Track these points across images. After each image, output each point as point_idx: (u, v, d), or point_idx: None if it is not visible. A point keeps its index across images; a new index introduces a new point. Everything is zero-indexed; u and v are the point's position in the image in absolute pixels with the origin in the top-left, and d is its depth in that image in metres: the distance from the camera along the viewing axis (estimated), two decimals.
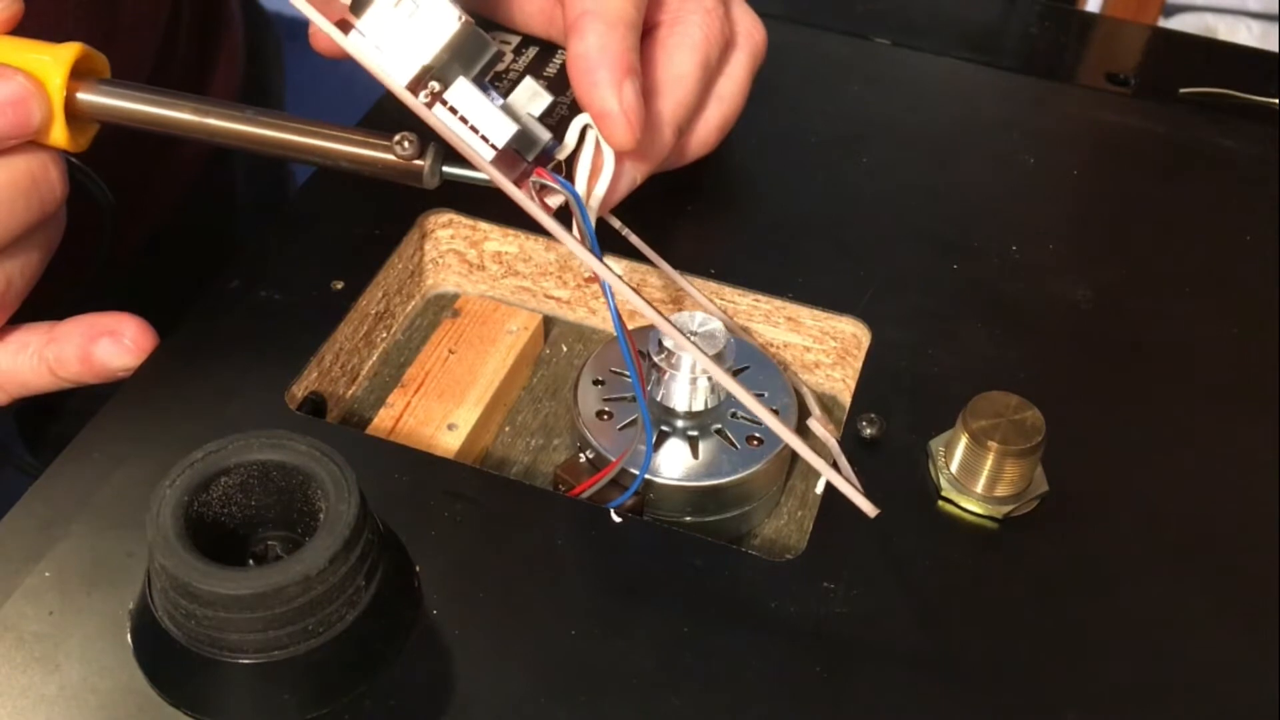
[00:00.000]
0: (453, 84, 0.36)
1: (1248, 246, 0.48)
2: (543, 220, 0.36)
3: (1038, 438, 0.36)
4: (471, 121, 0.36)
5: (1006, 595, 0.35)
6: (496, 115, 0.36)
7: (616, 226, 0.42)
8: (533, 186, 0.38)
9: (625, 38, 0.38)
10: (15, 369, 0.39)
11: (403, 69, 0.35)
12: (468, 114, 0.36)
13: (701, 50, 0.42)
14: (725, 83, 0.45)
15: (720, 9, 0.44)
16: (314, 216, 0.46)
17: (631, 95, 0.38)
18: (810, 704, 0.32)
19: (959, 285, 0.45)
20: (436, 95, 0.36)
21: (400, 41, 0.35)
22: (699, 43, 0.42)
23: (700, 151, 0.45)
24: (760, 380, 0.41)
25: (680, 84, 0.42)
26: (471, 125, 0.36)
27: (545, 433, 0.43)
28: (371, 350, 0.44)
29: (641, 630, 0.33)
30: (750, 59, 0.46)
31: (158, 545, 0.29)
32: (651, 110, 0.41)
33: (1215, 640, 0.35)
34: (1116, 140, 0.53)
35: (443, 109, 0.36)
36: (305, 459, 0.31)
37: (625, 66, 0.38)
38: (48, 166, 0.37)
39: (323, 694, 0.31)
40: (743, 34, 0.46)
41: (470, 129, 0.36)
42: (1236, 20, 1.15)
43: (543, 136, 0.38)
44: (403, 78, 0.35)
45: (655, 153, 0.42)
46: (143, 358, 0.39)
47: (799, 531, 0.41)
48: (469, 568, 0.35)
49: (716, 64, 0.44)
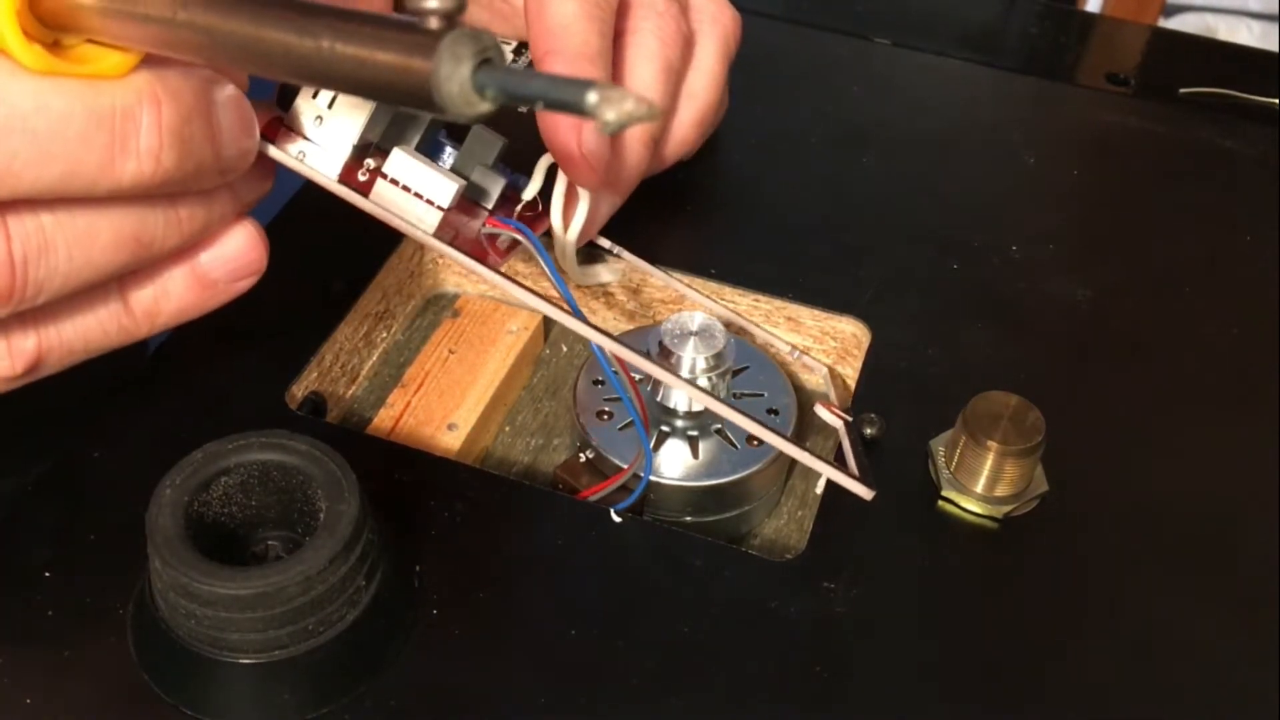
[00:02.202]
0: (389, 156, 0.36)
1: (1248, 246, 0.48)
2: (498, 281, 0.36)
3: (1038, 438, 0.36)
4: (414, 188, 0.36)
5: (1006, 595, 0.35)
6: (437, 177, 0.36)
7: (606, 246, 0.42)
8: (483, 235, 0.38)
9: (588, 72, 0.37)
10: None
11: (333, 157, 0.35)
12: (409, 182, 0.36)
13: (660, 57, 0.41)
14: (695, 77, 0.44)
15: (673, 7, 0.42)
16: (314, 216, 0.46)
17: (592, 138, 0.37)
18: (810, 704, 0.32)
19: (959, 285, 0.45)
20: (375, 171, 0.36)
21: (327, 130, 0.35)
22: (656, 50, 0.41)
23: (681, 152, 0.45)
24: (760, 380, 0.41)
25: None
26: (415, 192, 0.36)
27: (545, 433, 0.43)
28: (371, 350, 0.44)
29: (641, 630, 0.33)
30: (720, 44, 0.45)
31: (158, 545, 0.29)
32: (618, 136, 0.40)
33: (1215, 640, 0.35)
34: (1116, 140, 0.53)
35: (384, 182, 0.36)
36: (305, 459, 0.31)
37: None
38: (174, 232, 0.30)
39: (323, 694, 0.31)
40: (707, 20, 0.44)
41: (414, 195, 0.36)
42: (1236, 20, 1.15)
43: (497, 184, 0.38)
44: (334, 167, 0.35)
45: (628, 177, 0.41)
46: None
47: (799, 531, 0.41)
48: (469, 568, 0.35)
49: (681, 64, 0.43)
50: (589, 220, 0.40)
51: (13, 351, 0.29)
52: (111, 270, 0.29)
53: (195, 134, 0.28)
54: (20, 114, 0.25)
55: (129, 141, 0.27)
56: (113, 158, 0.26)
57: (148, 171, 0.27)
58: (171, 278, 0.31)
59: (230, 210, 0.31)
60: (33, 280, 0.27)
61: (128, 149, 0.27)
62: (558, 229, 0.40)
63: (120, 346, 0.31)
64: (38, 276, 0.27)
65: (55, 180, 0.26)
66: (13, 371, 0.29)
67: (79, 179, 0.26)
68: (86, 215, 0.28)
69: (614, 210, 0.42)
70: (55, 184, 0.26)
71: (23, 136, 0.25)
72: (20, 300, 0.27)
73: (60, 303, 0.29)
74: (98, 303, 0.30)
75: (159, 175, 0.27)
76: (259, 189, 0.32)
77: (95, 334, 0.31)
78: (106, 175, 0.27)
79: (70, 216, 0.27)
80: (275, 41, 0.24)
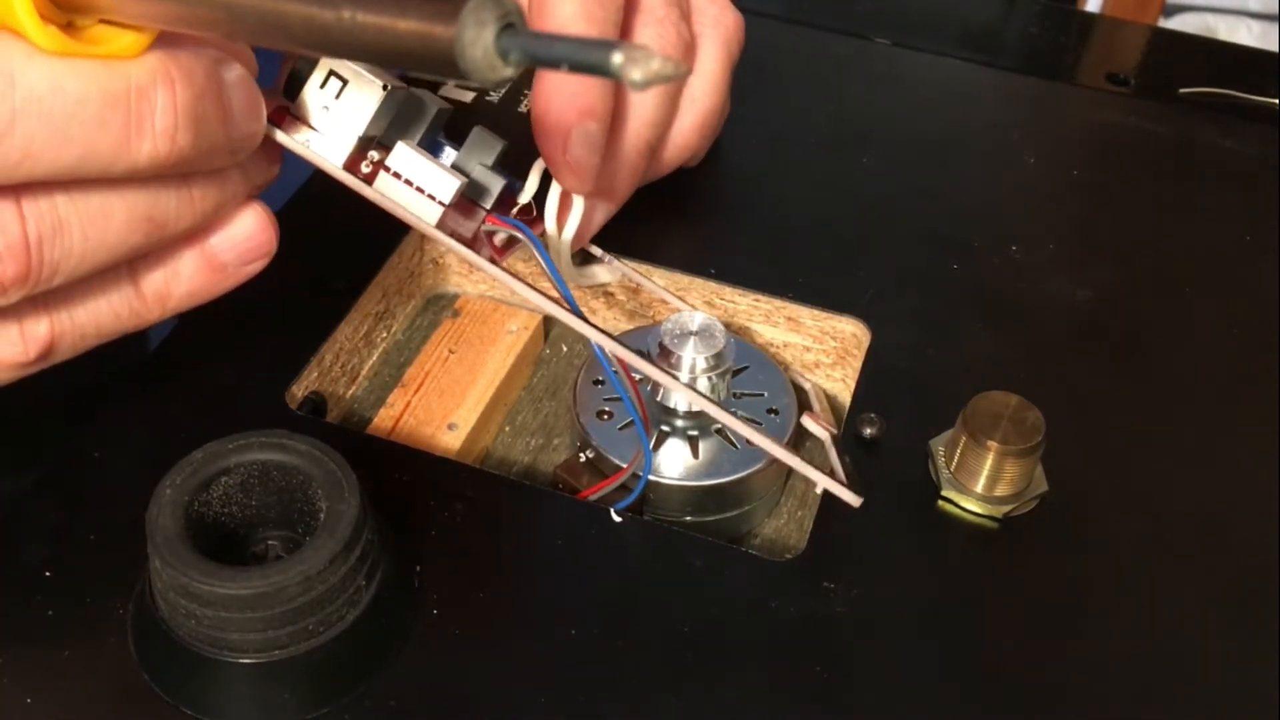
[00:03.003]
0: (393, 149, 0.36)
1: (1248, 246, 0.48)
2: (500, 275, 0.36)
3: (1038, 438, 0.36)
4: (416, 183, 0.36)
5: (1006, 595, 0.35)
6: (439, 173, 0.36)
7: (599, 255, 0.42)
8: (484, 234, 0.38)
9: (583, 79, 0.37)
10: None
11: (339, 147, 0.36)
12: (411, 176, 0.36)
13: None
14: (696, 82, 0.44)
15: (674, 13, 0.42)
16: (314, 216, 0.46)
17: (579, 147, 0.37)
18: (810, 704, 0.32)
19: (959, 285, 0.45)
20: (378, 164, 0.36)
21: (333, 120, 0.35)
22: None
23: (682, 157, 0.45)
24: (760, 380, 0.41)
25: (641, 107, 0.41)
26: (417, 186, 0.36)
27: (545, 433, 0.43)
28: (371, 350, 0.44)
29: (641, 630, 0.33)
30: (722, 48, 0.44)
31: (158, 545, 0.29)
32: (615, 140, 0.40)
33: (1215, 640, 0.35)
34: (1116, 140, 0.53)
35: (387, 175, 0.36)
36: (305, 459, 0.31)
37: (578, 111, 0.37)
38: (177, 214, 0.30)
39: (323, 694, 0.31)
40: (709, 24, 0.44)
41: (416, 190, 0.36)
42: (1236, 20, 1.15)
43: (497, 184, 0.38)
44: (339, 156, 0.36)
45: (623, 185, 0.41)
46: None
47: (799, 531, 0.41)
48: (469, 568, 0.35)
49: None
50: (583, 225, 0.40)
51: (26, 337, 0.29)
52: (125, 251, 0.29)
53: (208, 113, 0.28)
54: (36, 97, 0.25)
55: (145, 122, 0.27)
56: (129, 138, 0.27)
57: (164, 151, 0.27)
58: (182, 260, 0.31)
59: (241, 190, 0.31)
60: (48, 261, 0.27)
61: (144, 129, 0.27)
62: (552, 233, 0.40)
63: (132, 331, 0.32)
64: (53, 258, 0.27)
65: (72, 162, 0.26)
66: (26, 357, 0.29)
67: (96, 160, 0.26)
68: (100, 196, 0.28)
69: (609, 216, 0.42)
70: (72, 166, 0.26)
71: (39, 120, 0.25)
72: (36, 282, 0.27)
73: (73, 287, 0.29)
74: (110, 286, 0.30)
75: (174, 155, 0.27)
76: (268, 172, 0.32)
77: (107, 318, 0.31)
78: (123, 156, 0.27)
79: (85, 197, 0.27)
80: (296, 13, 0.24)
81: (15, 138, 0.25)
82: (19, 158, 0.25)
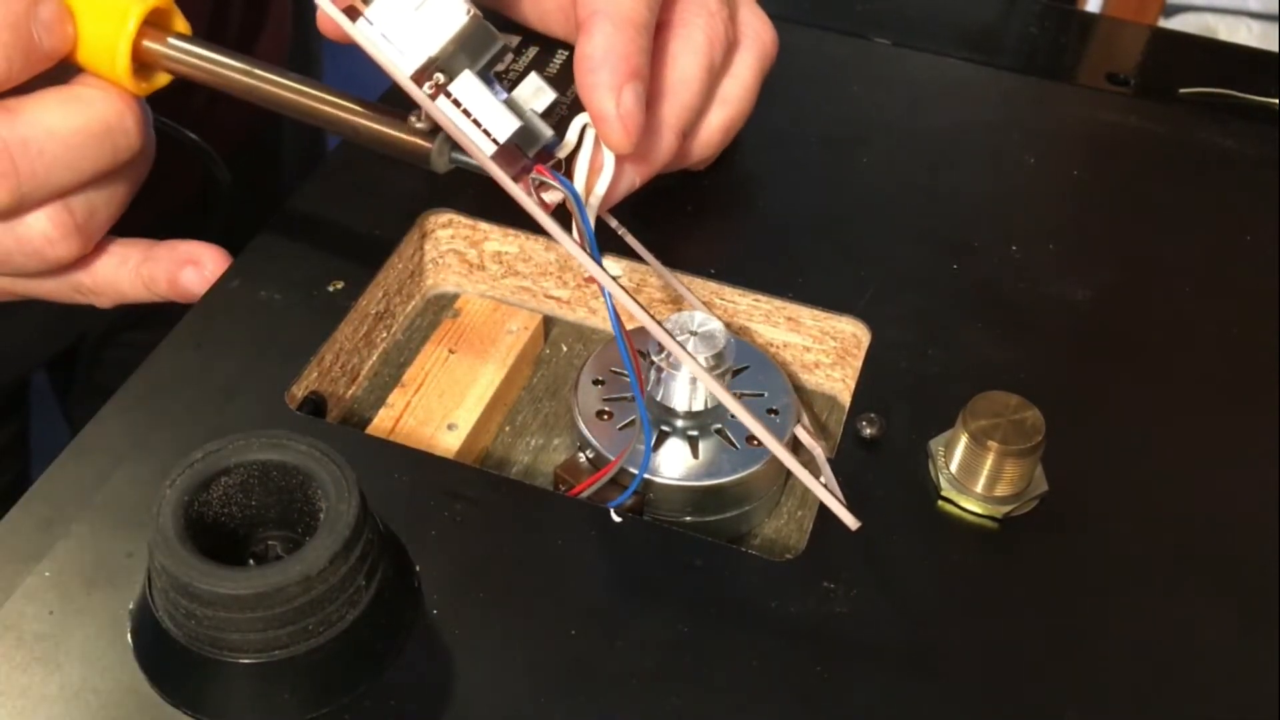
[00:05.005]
0: (458, 77, 0.36)
1: (1248, 246, 0.48)
2: (542, 220, 0.36)
3: (1038, 438, 0.36)
4: (474, 115, 0.36)
5: (1006, 595, 0.35)
6: (500, 110, 0.36)
7: (614, 226, 0.42)
8: (531, 183, 0.38)
9: (633, 39, 0.38)
10: (116, 279, 0.43)
11: (408, 60, 0.35)
12: (471, 107, 0.36)
13: (705, 53, 0.42)
14: (730, 85, 0.45)
15: (724, 11, 0.43)
16: (314, 216, 0.46)
17: (630, 100, 0.38)
18: (810, 704, 0.32)
19: (959, 285, 0.45)
20: (440, 87, 0.36)
21: (407, 32, 0.35)
22: (702, 46, 0.42)
23: (704, 154, 0.45)
24: (760, 380, 0.41)
25: (684, 87, 0.42)
26: (474, 119, 0.36)
27: (545, 433, 0.43)
28: (371, 350, 0.44)
29: (641, 630, 0.33)
30: (758, 60, 0.45)
31: (158, 545, 0.29)
32: (653, 114, 0.41)
33: (1215, 640, 0.35)
34: (1116, 140, 0.54)
35: (446, 101, 0.36)
36: (305, 459, 0.31)
37: (629, 70, 0.38)
38: (124, 115, 0.39)
39: (323, 694, 0.31)
40: (750, 35, 0.45)
41: (473, 122, 0.36)
42: (1236, 20, 1.15)
43: (545, 133, 0.38)
44: (408, 68, 0.35)
45: (656, 156, 0.41)
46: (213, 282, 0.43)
47: (799, 531, 0.41)
48: (469, 568, 0.35)
49: (720, 67, 0.43)
50: (613, 186, 0.40)
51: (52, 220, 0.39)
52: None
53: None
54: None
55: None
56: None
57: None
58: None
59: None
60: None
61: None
62: (580, 191, 0.40)
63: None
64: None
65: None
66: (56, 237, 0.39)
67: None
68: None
69: (633, 188, 0.42)
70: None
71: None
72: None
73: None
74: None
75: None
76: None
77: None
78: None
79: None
80: (321, 116, 0.38)
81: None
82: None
